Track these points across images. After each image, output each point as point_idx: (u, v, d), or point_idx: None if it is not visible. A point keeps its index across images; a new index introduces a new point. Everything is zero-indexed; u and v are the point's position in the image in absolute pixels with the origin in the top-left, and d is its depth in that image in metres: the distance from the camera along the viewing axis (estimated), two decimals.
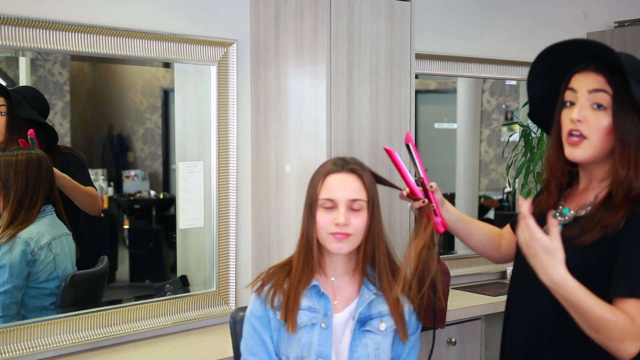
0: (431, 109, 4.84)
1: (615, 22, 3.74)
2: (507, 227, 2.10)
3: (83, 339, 2.37)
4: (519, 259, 1.92)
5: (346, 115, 2.45)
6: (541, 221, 1.78)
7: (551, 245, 1.57)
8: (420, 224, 1.92)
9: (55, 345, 2.31)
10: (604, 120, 1.70)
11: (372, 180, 1.91)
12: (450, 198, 4.28)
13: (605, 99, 1.70)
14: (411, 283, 1.94)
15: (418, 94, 3.06)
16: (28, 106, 2.60)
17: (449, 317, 2.68)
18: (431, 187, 1.95)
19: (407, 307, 1.93)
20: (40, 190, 2.44)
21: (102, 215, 3.33)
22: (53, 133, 2.68)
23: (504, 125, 4.17)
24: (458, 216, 2.05)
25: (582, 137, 1.72)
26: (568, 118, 1.75)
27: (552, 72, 1.83)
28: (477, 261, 3.38)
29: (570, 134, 1.74)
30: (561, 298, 1.61)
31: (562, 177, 1.83)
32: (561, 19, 3.70)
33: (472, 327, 2.89)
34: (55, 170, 2.52)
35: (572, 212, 1.80)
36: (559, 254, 1.57)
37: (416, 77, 2.81)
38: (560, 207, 1.83)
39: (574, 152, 1.74)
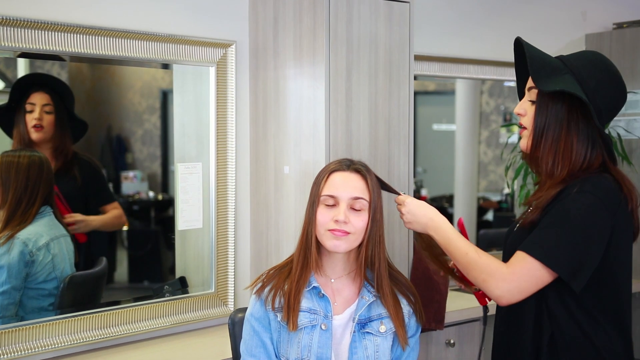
0: (430, 110, 4.85)
1: (613, 24, 3.74)
2: None
3: (82, 340, 2.37)
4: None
5: (345, 116, 2.46)
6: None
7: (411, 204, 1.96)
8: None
9: (53, 346, 2.31)
10: (533, 111, 1.87)
11: (377, 184, 1.91)
12: (449, 199, 4.28)
13: (534, 94, 1.87)
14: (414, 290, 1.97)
15: (417, 96, 3.07)
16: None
17: (448, 319, 2.68)
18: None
19: (406, 310, 1.93)
20: (40, 191, 2.45)
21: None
22: (85, 129, 2.70)
23: (502, 126, 4.18)
24: None
25: (524, 127, 1.91)
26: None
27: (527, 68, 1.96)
28: None
29: (519, 126, 1.94)
30: (436, 241, 1.91)
31: (532, 166, 1.98)
32: (559, 21, 3.71)
33: (471, 328, 2.89)
34: (89, 219, 2.53)
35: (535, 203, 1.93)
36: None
37: (415, 78, 2.81)
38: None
39: (520, 142, 1.94)
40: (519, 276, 1.76)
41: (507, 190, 4.14)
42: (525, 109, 1.89)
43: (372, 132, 2.52)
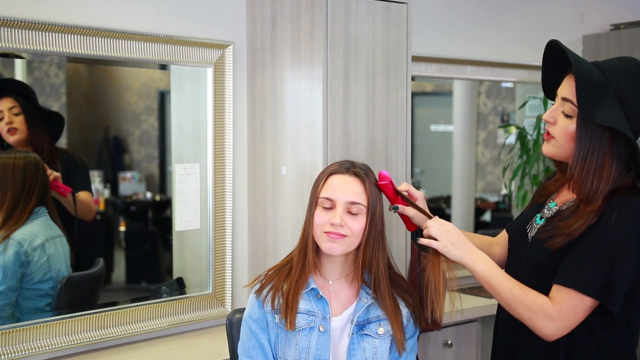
0: (428, 111, 4.85)
1: (611, 25, 3.75)
2: (503, 233, 2.13)
3: (79, 341, 2.37)
4: (508, 260, 1.98)
5: (342, 117, 2.45)
6: (531, 215, 1.96)
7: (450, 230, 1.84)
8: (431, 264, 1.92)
9: (50, 347, 2.30)
10: (570, 126, 1.80)
11: (376, 188, 1.91)
12: (447, 200, 4.28)
13: (571, 109, 1.79)
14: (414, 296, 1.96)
15: (414, 96, 3.07)
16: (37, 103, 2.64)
17: (445, 320, 2.67)
18: (405, 192, 2.00)
19: (405, 312, 1.93)
20: (36, 190, 2.45)
21: (98, 217, 3.33)
22: (61, 122, 2.71)
23: (500, 127, 4.18)
24: None
25: (551, 136, 1.85)
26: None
27: (558, 68, 1.89)
28: None
29: (545, 131, 1.88)
30: (473, 274, 1.82)
31: (560, 165, 1.93)
32: (557, 22, 3.71)
33: (468, 329, 2.89)
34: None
35: (556, 207, 1.89)
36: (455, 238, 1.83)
37: (412, 79, 2.81)
38: (550, 200, 1.93)
39: (545, 148, 1.88)
40: (566, 314, 1.73)
41: (504, 191, 4.14)
42: (555, 118, 1.82)
43: (369, 133, 2.52)
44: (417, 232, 2.02)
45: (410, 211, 1.96)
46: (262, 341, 1.88)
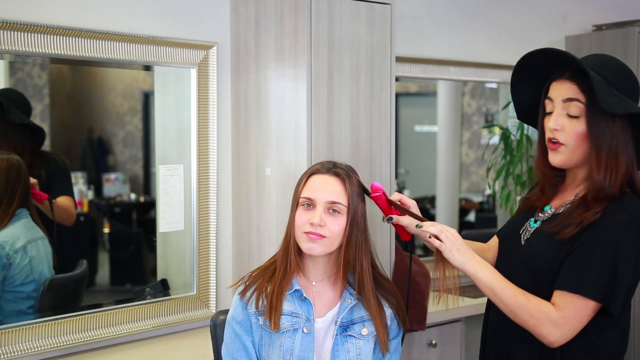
0: (412, 111, 4.86)
1: (593, 26, 3.78)
2: (494, 239, 2.13)
3: (62, 344, 2.35)
4: (498, 263, 1.98)
5: (327, 118, 2.46)
6: (523, 219, 1.94)
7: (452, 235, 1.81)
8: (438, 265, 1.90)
9: (33, 350, 2.29)
10: (579, 127, 1.79)
11: (358, 188, 1.90)
12: (431, 200, 4.30)
13: (577, 108, 1.79)
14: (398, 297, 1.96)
15: (399, 97, 3.08)
16: (15, 109, 2.60)
17: (430, 319, 2.69)
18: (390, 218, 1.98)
19: (389, 313, 1.93)
20: (18, 192, 2.44)
21: (82, 218, 3.31)
22: (42, 135, 2.67)
23: (484, 127, 4.20)
24: None
25: (559, 143, 1.82)
26: (548, 127, 1.85)
27: (535, 78, 1.90)
28: None
29: (550, 141, 1.84)
30: (474, 280, 1.80)
31: (554, 178, 1.91)
32: (540, 23, 3.73)
33: (453, 329, 2.90)
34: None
35: (552, 209, 1.89)
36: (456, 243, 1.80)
37: (396, 80, 2.82)
38: (543, 206, 1.92)
39: (554, 158, 1.84)
40: (570, 319, 1.73)
41: (488, 192, 4.16)
42: (562, 125, 1.81)
43: (353, 133, 2.53)
44: (411, 241, 2.03)
45: (405, 220, 1.94)
46: (246, 343, 1.88)
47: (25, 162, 2.50)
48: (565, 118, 1.80)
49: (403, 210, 1.93)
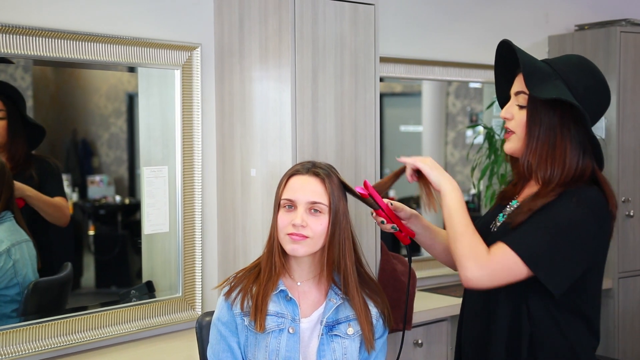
0: (397, 112, 4.87)
1: (575, 26, 3.80)
2: None
3: (47, 347, 2.34)
4: None
5: (311, 118, 2.46)
6: (494, 215, 1.99)
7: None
8: None
9: (17, 354, 2.27)
10: (525, 116, 1.88)
11: (339, 187, 1.91)
12: (417, 200, 4.30)
13: (524, 99, 1.88)
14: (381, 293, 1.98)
15: (383, 97, 3.08)
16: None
17: (416, 319, 2.69)
18: (391, 204, 2.03)
19: (374, 312, 1.94)
20: (2, 196, 2.42)
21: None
22: (42, 133, 2.66)
23: (468, 127, 4.21)
24: (424, 227, 2.11)
25: (510, 132, 1.92)
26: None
27: (509, 72, 1.97)
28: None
29: (504, 130, 1.96)
30: (442, 197, 1.88)
31: (520, 173, 1.96)
32: (523, 22, 3.76)
33: (439, 328, 2.91)
34: (19, 183, 2.50)
35: (518, 203, 1.95)
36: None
37: (381, 80, 2.82)
38: (513, 200, 1.98)
39: (506, 146, 1.95)
40: (495, 266, 1.77)
41: (473, 191, 4.17)
42: (512, 113, 1.90)
43: (338, 134, 2.53)
44: (410, 245, 2.07)
45: (397, 205, 2.01)
46: (232, 344, 1.87)
47: (18, 164, 2.48)
48: (515, 108, 1.90)
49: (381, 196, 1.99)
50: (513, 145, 1.91)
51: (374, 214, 2.01)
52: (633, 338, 3.64)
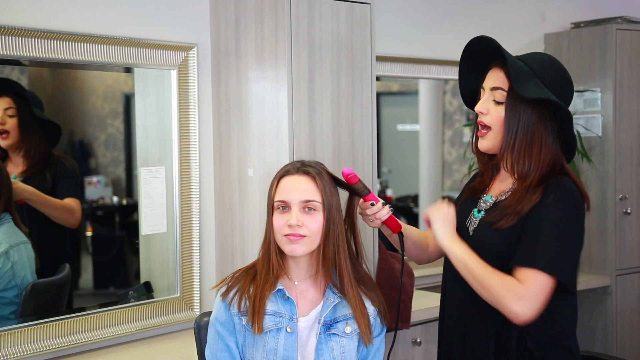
0: (394, 111, 4.87)
1: (571, 23, 3.81)
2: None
3: (45, 349, 2.34)
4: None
5: (308, 118, 2.46)
6: (467, 210, 2.02)
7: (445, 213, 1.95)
8: None
9: (16, 355, 2.27)
10: (502, 112, 1.90)
11: (331, 183, 1.91)
12: (414, 199, 4.31)
13: (501, 95, 1.90)
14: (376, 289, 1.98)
15: (380, 96, 3.08)
16: (35, 107, 2.60)
17: (414, 318, 2.69)
18: (384, 203, 2.05)
19: (372, 310, 1.94)
20: (1, 198, 2.41)
21: None
22: (58, 132, 2.67)
23: (465, 126, 4.22)
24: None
25: (486, 127, 1.93)
26: (475, 111, 1.97)
27: (481, 67, 2.00)
28: (441, 261, 3.41)
29: (478, 127, 1.96)
30: (450, 254, 1.92)
31: (486, 165, 2.01)
32: (519, 20, 3.76)
33: (437, 327, 2.91)
34: (20, 183, 2.50)
35: (492, 198, 1.97)
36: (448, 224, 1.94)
37: (378, 79, 2.82)
38: (484, 195, 2.01)
39: (481, 143, 1.96)
40: (532, 292, 1.79)
41: None
42: (487, 108, 1.92)
43: (335, 133, 2.53)
44: (401, 234, 2.08)
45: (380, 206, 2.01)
46: (230, 344, 1.88)
47: (35, 162, 2.49)
48: (491, 103, 1.91)
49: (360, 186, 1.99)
50: (489, 142, 1.93)
51: (361, 200, 2.01)
52: (631, 335, 3.64)
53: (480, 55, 1.98)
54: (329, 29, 2.50)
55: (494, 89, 1.91)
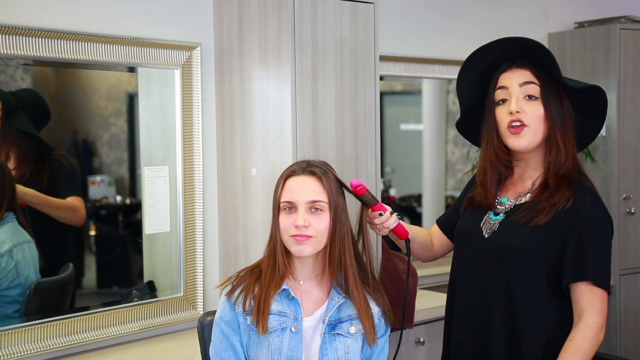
0: (397, 110, 4.87)
1: (575, 23, 3.80)
2: (435, 227, 2.23)
3: (49, 348, 2.34)
4: (461, 258, 2.02)
5: (311, 117, 2.46)
6: (479, 214, 2.00)
7: None
8: None
9: (20, 354, 2.28)
10: (538, 109, 1.89)
11: (336, 183, 1.91)
12: (418, 199, 4.31)
13: (535, 89, 1.89)
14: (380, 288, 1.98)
15: (384, 96, 3.08)
16: (23, 114, 2.57)
17: (417, 318, 2.69)
18: (392, 212, 2.04)
19: (376, 311, 1.94)
20: (5, 197, 2.42)
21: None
22: (46, 148, 2.66)
23: None
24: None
25: (522, 125, 1.89)
26: (505, 113, 1.92)
27: (479, 76, 2.01)
28: (444, 261, 3.39)
29: (511, 125, 1.90)
30: None
31: (505, 170, 1.99)
32: (522, 20, 3.76)
33: (440, 326, 2.89)
34: (20, 186, 2.50)
35: (510, 200, 1.96)
36: None
37: (381, 78, 2.82)
38: (498, 198, 1.99)
39: (519, 141, 1.90)
40: (601, 310, 1.85)
41: None
42: (522, 107, 1.90)
43: (338, 132, 2.53)
44: (408, 240, 2.07)
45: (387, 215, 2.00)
46: (234, 343, 1.88)
47: (29, 167, 2.48)
48: (524, 101, 1.89)
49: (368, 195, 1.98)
50: (526, 140, 1.90)
51: (369, 210, 2.00)
52: (635, 335, 3.64)
53: (482, 64, 1.99)
54: (332, 29, 2.50)
55: (524, 83, 1.90)
